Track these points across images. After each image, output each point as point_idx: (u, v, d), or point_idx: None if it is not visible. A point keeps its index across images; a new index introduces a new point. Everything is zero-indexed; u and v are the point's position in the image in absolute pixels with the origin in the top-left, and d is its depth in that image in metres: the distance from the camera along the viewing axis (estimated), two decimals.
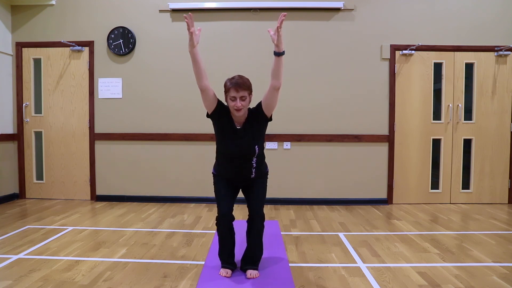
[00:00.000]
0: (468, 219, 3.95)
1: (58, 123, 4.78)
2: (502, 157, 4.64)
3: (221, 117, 2.34)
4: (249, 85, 2.30)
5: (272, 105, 2.31)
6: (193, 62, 2.19)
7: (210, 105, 2.31)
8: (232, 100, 2.25)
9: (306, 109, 4.61)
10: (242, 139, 2.32)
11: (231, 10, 4.61)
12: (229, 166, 2.39)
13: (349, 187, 4.64)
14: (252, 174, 2.40)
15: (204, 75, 2.23)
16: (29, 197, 4.85)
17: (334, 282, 2.33)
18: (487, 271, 2.50)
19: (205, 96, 2.28)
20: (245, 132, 2.33)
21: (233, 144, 2.33)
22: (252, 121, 2.34)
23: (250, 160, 2.36)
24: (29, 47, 4.76)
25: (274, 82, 2.22)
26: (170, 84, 4.66)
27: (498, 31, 4.57)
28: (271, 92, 2.26)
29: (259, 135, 2.37)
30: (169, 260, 2.71)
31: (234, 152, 2.34)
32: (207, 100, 2.29)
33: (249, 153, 2.34)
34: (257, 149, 2.35)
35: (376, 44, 4.59)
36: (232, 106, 2.26)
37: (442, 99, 4.63)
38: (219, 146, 2.41)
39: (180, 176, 4.70)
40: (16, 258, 2.72)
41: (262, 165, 2.47)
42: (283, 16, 2.08)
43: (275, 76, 2.21)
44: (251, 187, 2.43)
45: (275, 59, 2.17)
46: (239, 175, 2.41)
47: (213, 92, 2.30)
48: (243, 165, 2.37)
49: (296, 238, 3.24)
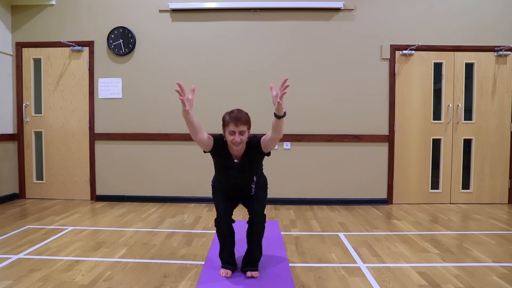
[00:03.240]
0: (468, 219, 3.95)
1: (58, 123, 4.78)
2: (502, 157, 4.64)
3: (219, 153, 2.36)
4: (248, 120, 2.28)
5: (271, 148, 2.32)
6: (188, 125, 2.16)
7: (207, 148, 2.32)
8: (231, 135, 2.25)
9: (306, 109, 4.61)
10: (240, 173, 2.38)
11: (231, 10, 4.61)
12: (229, 190, 2.49)
13: (349, 187, 4.64)
14: (252, 192, 2.48)
15: (199, 131, 2.20)
16: (29, 197, 4.85)
17: (334, 282, 2.33)
18: (487, 271, 2.50)
19: (201, 145, 2.27)
20: (243, 166, 2.36)
21: (231, 177, 2.39)
22: (250, 155, 2.35)
23: (249, 186, 2.45)
24: (29, 47, 4.76)
25: (275, 136, 2.19)
26: (170, 84, 4.66)
27: (498, 31, 4.57)
28: (271, 140, 2.24)
29: (257, 167, 2.43)
30: (169, 260, 2.71)
31: (233, 183, 2.42)
32: (204, 146, 2.29)
33: (247, 183, 2.42)
34: (255, 178, 2.43)
35: (376, 44, 4.59)
36: (230, 141, 2.26)
37: (442, 99, 4.63)
38: (217, 174, 2.49)
39: (180, 176, 4.69)
40: (16, 258, 2.72)
41: (261, 180, 2.54)
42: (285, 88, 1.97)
43: (275, 132, 2.16)
44: (251, 198, 2.50)
45: (275, 119, 2.09)
46: (239, 195, 2.51)
47: (207, 138, 2.27)
48: (242, 190, 2.47)
49: (296, 238, 3.24)
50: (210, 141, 2.30)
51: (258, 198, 2.47)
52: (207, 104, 4.55)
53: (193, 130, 2.19)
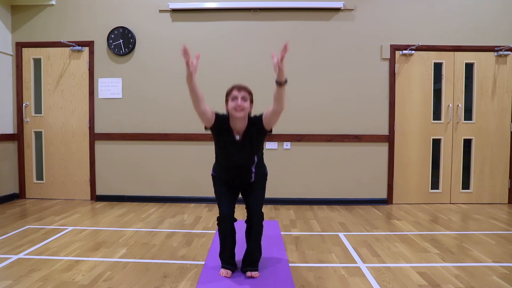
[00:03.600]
0: (468, 219, 3.95)
1: (58, 123, 4.78)
2: (502, 157, 4.64)
3: (220, 130, 2.33)
4: (251, 91, 2.30)
5: (273, 123, 2.31)
6: (191, 92, 2.14)
7: (209, 122, 2.30)
8: (233, 100, 2.24)
9: (306, 109, 4.61)
10: (241, 151, 2.33)
11: (231, 10, 4.61)
12: (228, 174, 2.44)
13: (349, 187, 4.64)
14: (252, 178, 2.43)
15: (201, 100, 2.19)
16: (29, 197, 4.85)
17: (334, 282, 2.33)
18: (487, 271, 2.50)
19: (203, 117, 2.25)
20: (244, 144, 2.33)
21: (232, 156, 2.35)
22: (252, 132, 2.32)
23: (249, 168, 2.40)
24: (29, 47, 4.76)
25: (276, 107, 2.18)
26: (170, 84, 4.66)
27: (498, 31, 4.57)
28: (273, 113, 2.23)
29: (258, 146, 2.40)
30: (169, 260, 2.71)
31: (233, 163, 2.37)
32: (206, 119, 2.27)
33: (248, 163, 2.38)
34: (256, 158, 2.39)
35: (376, 44, 4.59)
36: (233, 107, 2.24)
37: (442, 99, 4.63)
38: (218, 156, 2.45)
39: (180, 176, 4.69)
40: (16, 258, 2.72)
41: (261, 168, 2.50)
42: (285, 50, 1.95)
43: (277, 102, 2.16)
44: (251, 188, 2.45)
45: (276, 87, 2.09)
46: (239, 180, 2.45)
47: (210, 111, 2.27)
48: (242, 173, 2.41)
49: (296, 238, 3.24)
50: (213, 115, 2.28)
51: (257, 195, 2.43)
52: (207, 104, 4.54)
53: (195, 99, 2.17)
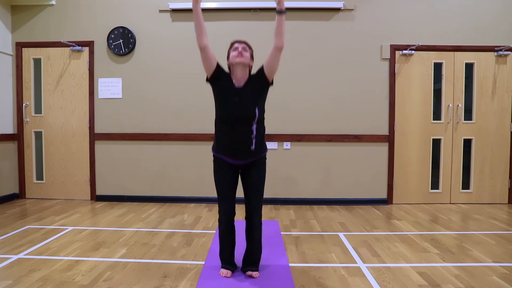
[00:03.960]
0: (468, 219, 3.95)
1: (58, 123, 4.78)
2: (502, 157, 4.64)
3: (221, 79, 2.33)
4: (251, 47, 2.38)
5: (274, 68, 2.31)
6: (196, 17, 2.24)
7: (210, 65, 2.31)
8: (234, 50, 2.31)
9: (306, 109, 4.61)
10: (242, 99, 2.27)
11: (231, 10, 4.61)
12: (229, 134, 2.31)
13: (349, 187, 4.64)
14: (252, 145, 2.30)
15: (204, 32, 2.26)
16: (29, 197, 4.85)
17: (334, 282, 2.33)
18: (487, 271, 2.50)
19: (205, 55, 2.28)
20: (245, 92, 2.29)
21: (233, 105, 2.27)
22: (253, 83, 2.33)
23: (250, 124, 2.29)
24: (29, 47, 4.76)
25: (277, 41, 2.23)
26: (170, 84, 4.66)
27: (498, 31, 4.57)
28: (274, 53, 2.27)
29: (260, 97, 2.34)
30: (169, 260, 2.71)
31: (234, 113, 2.27)
32: (207, 59, 2.29)
33: (249, 115, 2.28)
34: (257, 112, 2.29)
35: (376, 44, 4.59)
36: (234, 56, 2.29)
37: (442, 99, 4.63)
38: (219, 111, 2.35)
39: (180, 176, 4.69)
40: (16, 258, 2.72)
41: (262, 140, 2.39)
42: None
43: (277, 35, 2.23)
44: (250, 172, 2.37)
45: (277, 17, 2.21)
46: (239, 145, 2.31)
47: (212, 52, 2.31)
48: (243, 130, 2.29)
49: (296, 238, 3.24)
50: (215, 59, 2.32)
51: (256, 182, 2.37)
52: (207, 104, 4.54)
53: (199, 25, 2.24)
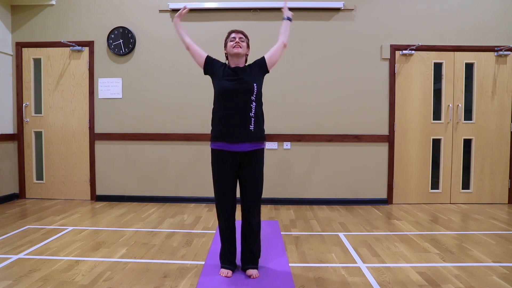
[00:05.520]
0: (468, 219, 3.95)
1: (58, 123, 4.78)
2: (502, 157, 4.64)
3: (215, 67, 2.43)
4: (247, 36, 2.48)
5: (276, 59, 2.50)
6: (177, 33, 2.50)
7: (200, 58, 2.46)
8: (232, 41, 2.39)
9: (306, 109, 4.61)
10: (240, 76, 2.35)
11: (231, 10, 4.61)
12: (227, 108, 2.30)
13: (349, 187, 4.64)
14: (251, 123, 2.30)
15: (185, 34, 2.48)
16: (29, 197, 4.85)
17: (334, 282, 2.33)
18: (487, 271, 2.50)
19: (193, 50, 2.47)
20: (243, 70, 2.39)
21: (232, 80, 2.33)
22: (253, 68, 2.43)
23: (249, 99, 2.29)
24: (29, 47, 4.76)
25: (283, 38, 2.51)
26: (170, 84, 4.66)
27: (498, 31, 4.57)
28: (279, 47, 2.49)
29: (258, 78, 2.41)
30: (169, 260, 2.71)
31: (234, 86, 2.30)
32: (195, 55, 2.47)
33: (248, 87, 2.30)
34: (255, 87, 2.32)
35: (376, 44, 4.59)
36: (231, 46, 2.37)
37: (442, 99, 4.63)
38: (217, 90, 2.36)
39: (180, 176, 4.69)
40: (16, 258, 2.72)
41: (261, 125, 2.38)
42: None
43: (284, 34, 2.52)
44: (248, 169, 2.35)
45: (285, 22, 2.55)
46: (238, 122, 2.29)
47: (198, 48, 2.48)
48: (242, 107, 2.28)
49: (296, 238, 3.24)
50: (203, 52, 2.47)
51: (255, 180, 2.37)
52: (208, 104, 4.54)
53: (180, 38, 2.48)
